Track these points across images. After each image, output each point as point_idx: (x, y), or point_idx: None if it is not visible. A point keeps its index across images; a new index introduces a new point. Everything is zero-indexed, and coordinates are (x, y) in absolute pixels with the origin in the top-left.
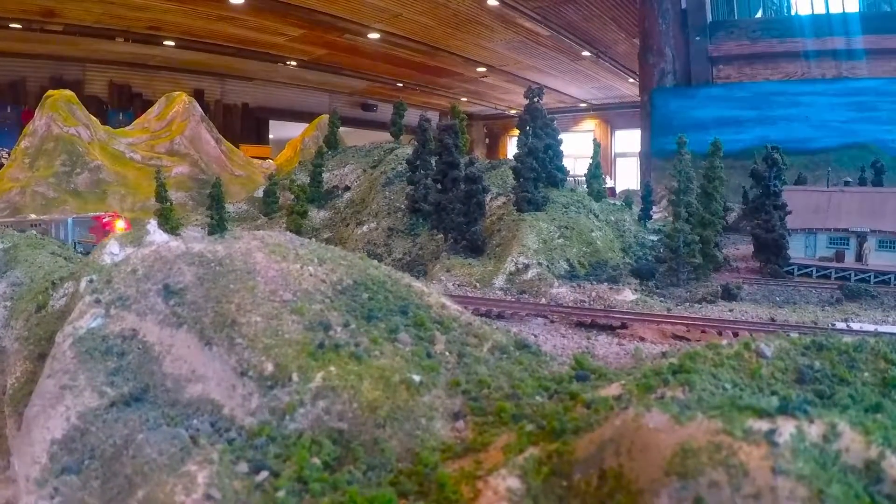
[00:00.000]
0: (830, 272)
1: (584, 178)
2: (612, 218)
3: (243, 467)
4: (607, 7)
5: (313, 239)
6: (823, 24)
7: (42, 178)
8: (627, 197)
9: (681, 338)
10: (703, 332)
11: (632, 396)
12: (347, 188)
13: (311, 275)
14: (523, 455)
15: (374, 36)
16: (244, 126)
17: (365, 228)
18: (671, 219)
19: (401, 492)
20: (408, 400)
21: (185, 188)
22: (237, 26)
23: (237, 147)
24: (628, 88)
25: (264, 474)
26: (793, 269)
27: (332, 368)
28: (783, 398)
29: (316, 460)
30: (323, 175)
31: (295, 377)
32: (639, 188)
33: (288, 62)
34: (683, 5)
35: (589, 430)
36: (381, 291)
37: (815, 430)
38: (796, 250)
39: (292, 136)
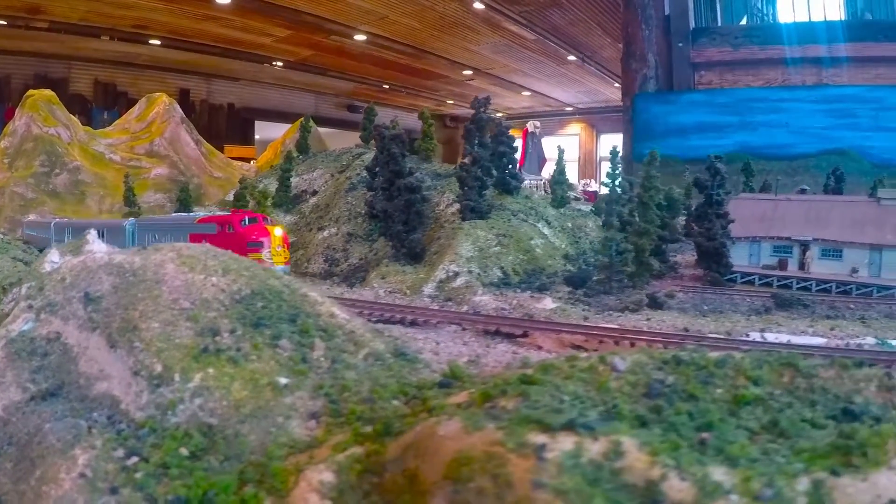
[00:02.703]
0: (773, 280)
1: (543, 183)
2: (570, 224)
3: (120, 453)
4: (592, 12)
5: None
6: (805, 31)
7: (21, 178)
8: (597, 203)
9: (578, 347)
10: (600, 342)
11: (472, 404)
12: (315, 192)
13: (213, 285)
14: (345, 453)
15: (360, 37)
16: (230, 126)
17: (325, 233)
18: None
19: (244, 479)
20: (270, 400)
21: (164, 190)
22: (223, 26)
23: (223, 147)
24: (614, 93)
25: (134, 459)
26: (736, 276)
27: (211, 370)
28: (607, 412)
29: (184, 450)
30: (292, 179)
31: (177, 377)
32: None
33: (274, 63)
34: (667, 11)
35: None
36: (276, 301)
37: (596, 448)
38: (740, 258)
39: (278, 137)
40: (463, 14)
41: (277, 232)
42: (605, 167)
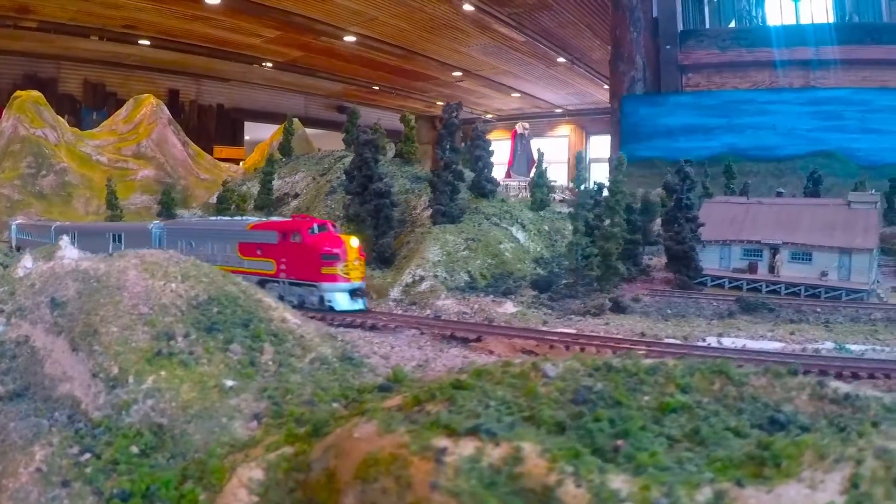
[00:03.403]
0: (742, 284)
1: (524, 186)
2: (547, 227)
3: (75, 450)
4: (582, 14)
5: None
6: (793, 34)
7: (7, 179)
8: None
9: (530, 352)
10: (551, 347)
11: (403, 407)
12: (296, 195)
13: (171, 291)
14: (276, 452)
15: (349, 39)
16: (219, 127)
17: None
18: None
19: (186, 475)
20: (216, 402)
21: (151, 191)
22: (213, 27)
23: (212, 148)
24: (603, 94)
25: (87, 455)
26: (706, 280)
27: (163, 373)
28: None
29: (134, 448)
30: (274, 182)
31: (131, 379)
32: None
33: (264, 63)
34: (655, 14)
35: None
36: (231, 306)
37: (497, 452)
38: (711, 262)
39: (267, 138)
40: (452, 16)
41: (353, 243)
42: (595, 169)
